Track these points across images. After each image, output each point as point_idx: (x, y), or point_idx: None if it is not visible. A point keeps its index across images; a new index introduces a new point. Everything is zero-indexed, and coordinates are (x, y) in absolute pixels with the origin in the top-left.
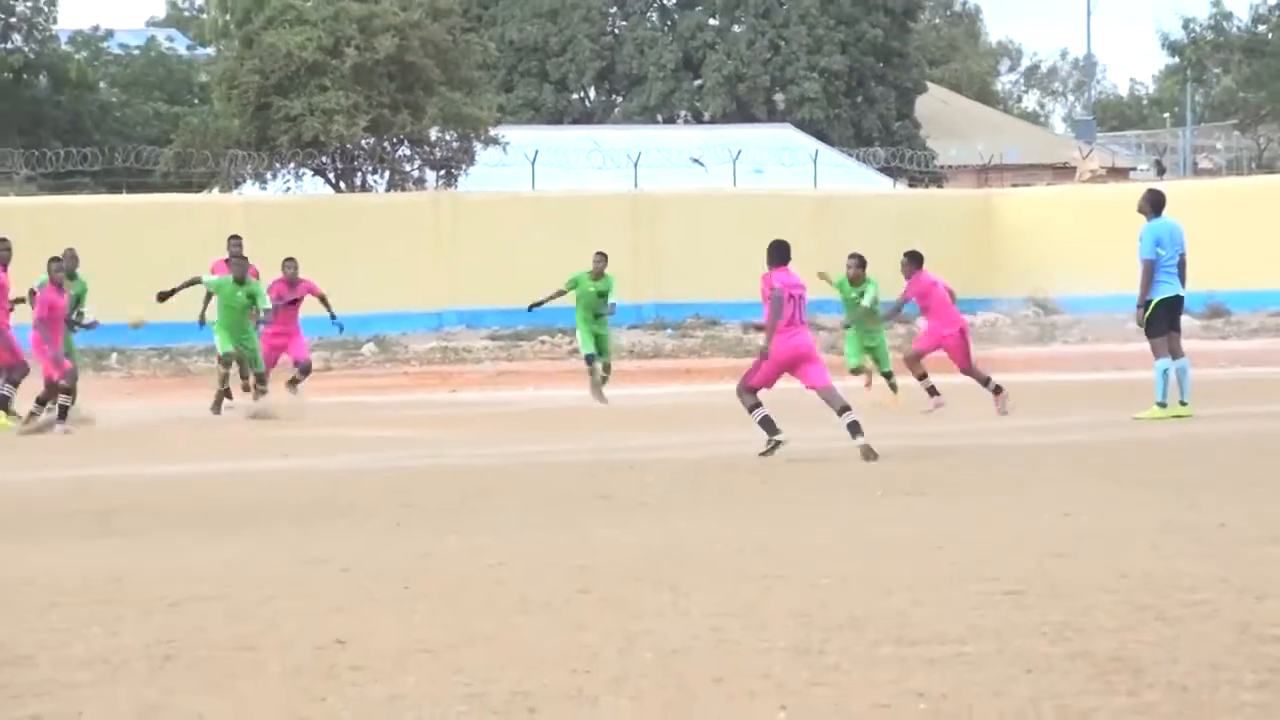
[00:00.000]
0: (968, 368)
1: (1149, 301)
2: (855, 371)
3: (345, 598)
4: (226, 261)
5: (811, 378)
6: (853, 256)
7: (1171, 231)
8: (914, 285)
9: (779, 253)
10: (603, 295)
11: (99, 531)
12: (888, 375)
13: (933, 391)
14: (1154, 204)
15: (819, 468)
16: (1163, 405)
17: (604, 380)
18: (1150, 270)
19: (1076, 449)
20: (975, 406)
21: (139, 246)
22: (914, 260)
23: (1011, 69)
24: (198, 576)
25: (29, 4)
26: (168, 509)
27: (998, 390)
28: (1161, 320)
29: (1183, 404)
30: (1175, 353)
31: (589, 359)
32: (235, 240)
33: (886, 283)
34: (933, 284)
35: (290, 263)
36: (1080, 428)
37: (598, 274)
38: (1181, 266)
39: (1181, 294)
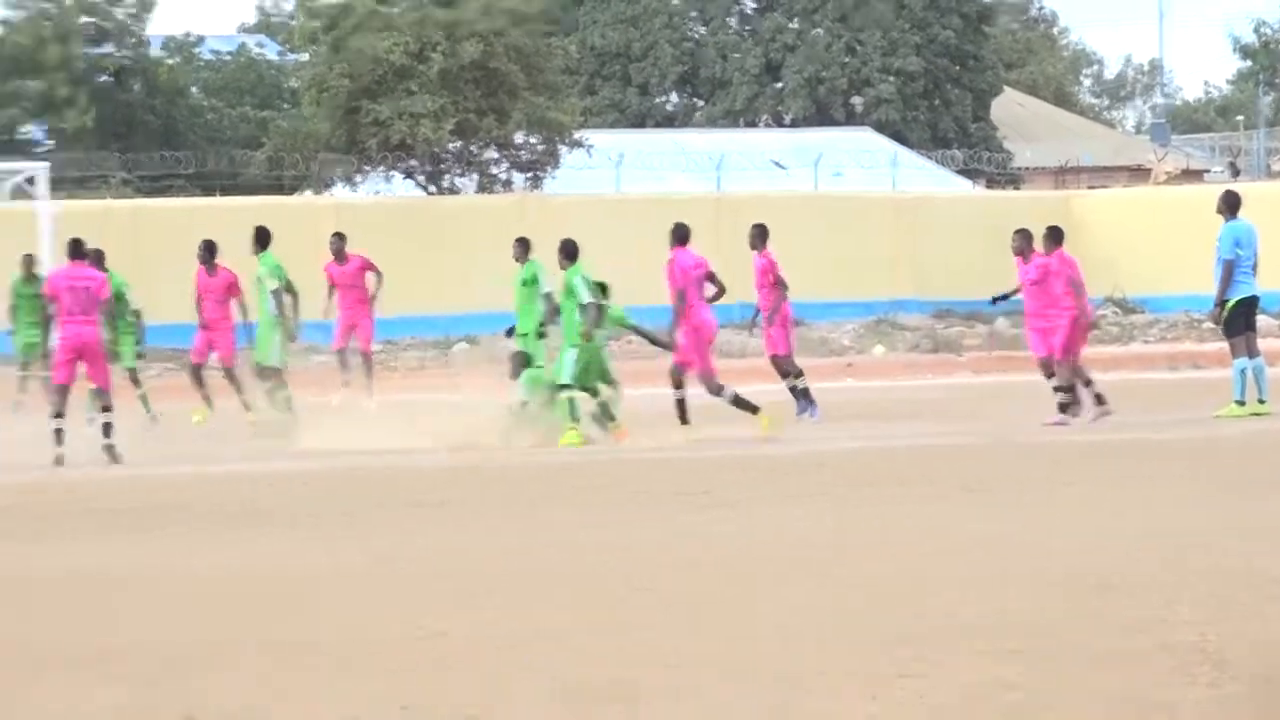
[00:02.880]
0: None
1: (1225, 300)
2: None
3: (448, 590)
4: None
5: None
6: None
7: (1249, 232)
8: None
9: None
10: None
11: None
12: None
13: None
14: (1231, 205)
15: (887, 464)
16: (1241, 403)
17: None
18: (1230, 270)
19: (1157, 447)
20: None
21: (233, 248)
22: (1055, 237)
23: (1089, 76)
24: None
25: (125, 12)
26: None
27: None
28: (1239, 320)
29: (1261, 402)
30: (1252, 352)
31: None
32: (336, 237)
33: (968, 284)
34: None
35: (336, 238)
36: (1160, 426)
37: None
38: (1255, 267)
39: (1258, 294)
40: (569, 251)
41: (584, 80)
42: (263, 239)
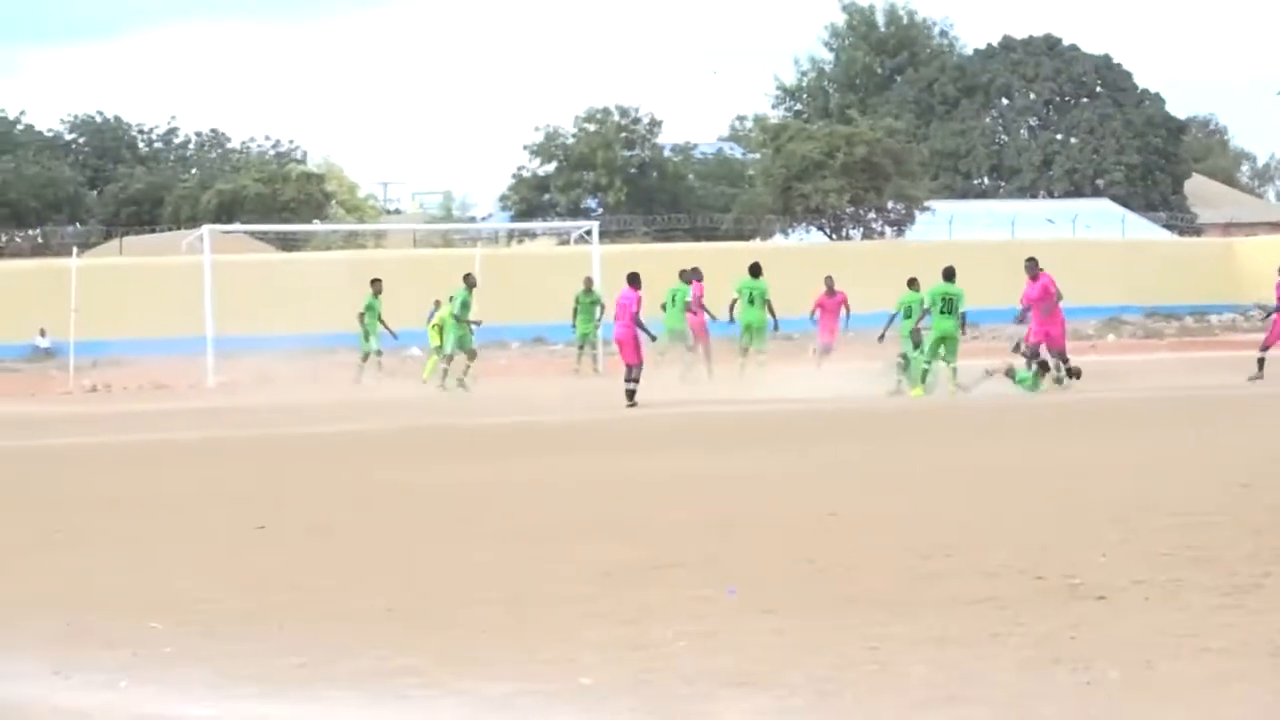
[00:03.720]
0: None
1: None
2: None
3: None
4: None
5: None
6: None
7: None
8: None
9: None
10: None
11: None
12: None
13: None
14: None
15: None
16: None
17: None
18: None
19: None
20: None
21: (715, 278)
22: (1034, 265)
23: (1247, 163)
24: (743, 470)
25: (643, 128)
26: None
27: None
28: None
29: None
30: None
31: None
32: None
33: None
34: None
35: (828, 279)
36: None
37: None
38: None
39: None
40: (946, 274)
41: (931, 169)
42: (754, 269)
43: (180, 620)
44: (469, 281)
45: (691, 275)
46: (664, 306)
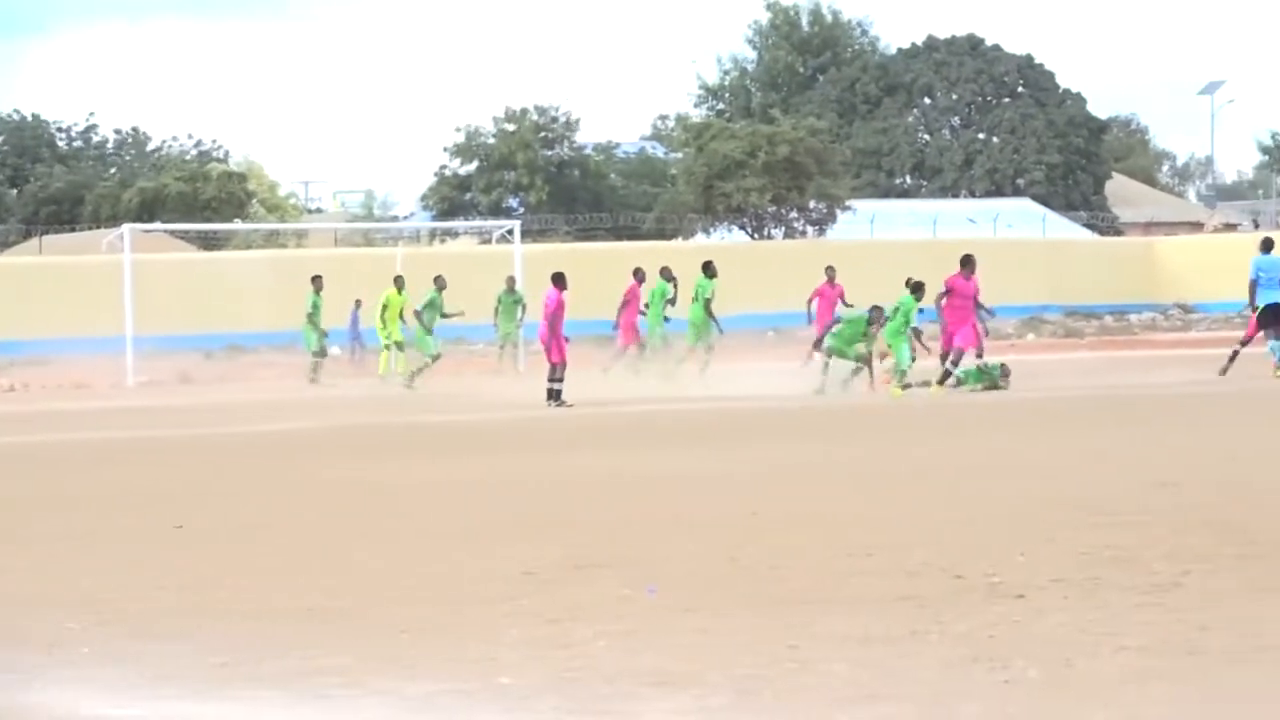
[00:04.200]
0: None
1: (1255, 306)
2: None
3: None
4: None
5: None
6: None
7: (1271, 262)
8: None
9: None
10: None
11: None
12: None
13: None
14: (1263, 245)
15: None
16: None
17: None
18: (1253, 286)
19: (1201, 398)
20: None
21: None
22: (967, 263)
23: (1168, 163)
24: (665, 469)
25: (561, 128)
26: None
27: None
28: (1268, 316)
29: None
30: None
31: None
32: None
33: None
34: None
35: (829, 269)
36: (1203, 383)
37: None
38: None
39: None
40: (912, 287)
41: (853, 168)
42: (708, 269)
43: (98, 620)
44: (439, 283)
45: (635, 275)
46: (644, 308)
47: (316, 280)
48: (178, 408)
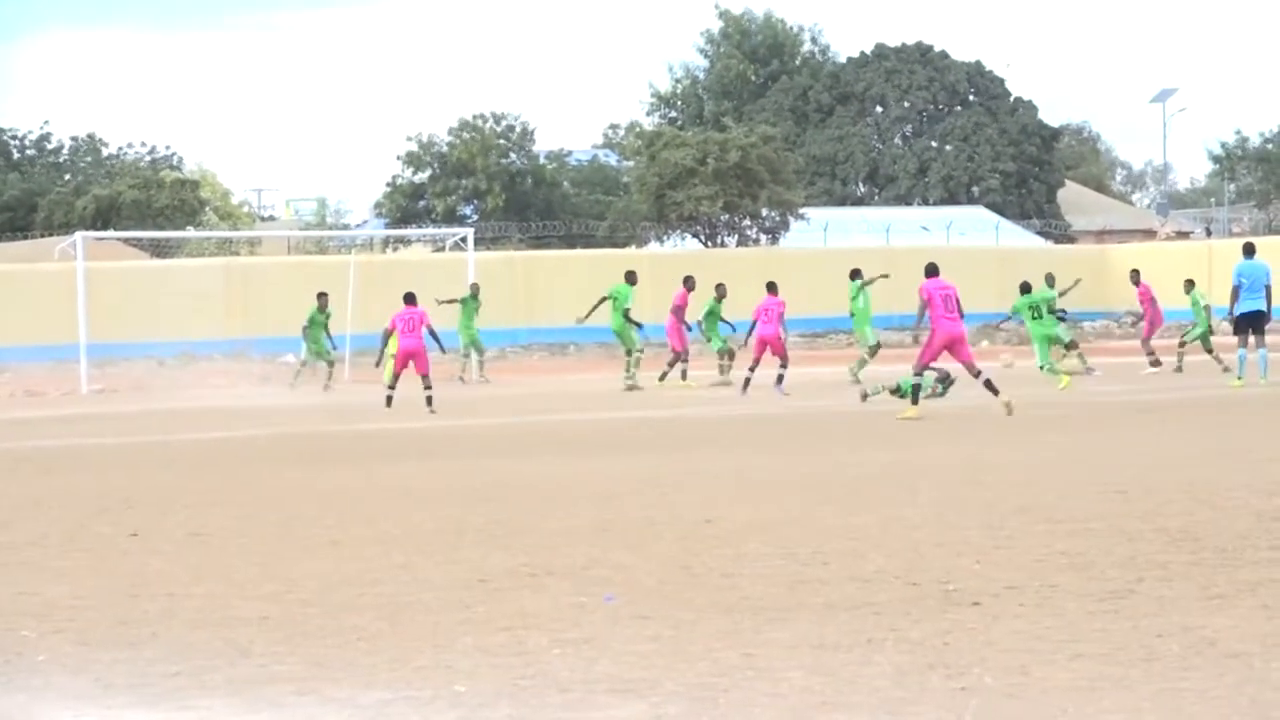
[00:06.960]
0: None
1: (1234, 313)
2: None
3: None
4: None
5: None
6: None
7: (1254, 268)
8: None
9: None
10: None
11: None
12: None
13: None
14: (1245, 250)
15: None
16: (1240, 379)
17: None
18: (1235, 292)
19: (1162, 405)
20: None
21: (588, 283)
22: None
23: (1122, 171)
24: (620, 477)
25: (516, 137)
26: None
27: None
28: (1242, 324)
29: (1240, 378)
30: (1256, 346)
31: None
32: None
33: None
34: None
35: (771, 285)
36: (1165, 390)
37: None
38: (1268, 291)
39: (1260, 309)
40: (853, 274)
41: (806, 176)
42: (631, 277)
43: (53, 628)
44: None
45: (686, 284)
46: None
47: (322, 297)
48: (132, 415)
